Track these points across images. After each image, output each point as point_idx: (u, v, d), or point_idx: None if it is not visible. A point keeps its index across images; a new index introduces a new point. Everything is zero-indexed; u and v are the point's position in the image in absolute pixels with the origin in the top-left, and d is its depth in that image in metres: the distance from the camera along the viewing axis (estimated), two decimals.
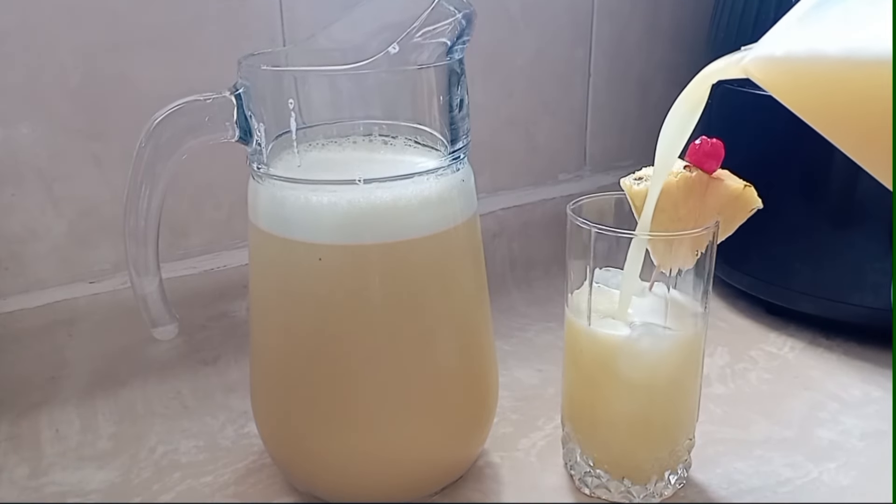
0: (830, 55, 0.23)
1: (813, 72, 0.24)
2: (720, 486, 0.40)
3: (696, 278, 0.37)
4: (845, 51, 0.22)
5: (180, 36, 0.51)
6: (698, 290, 0.37)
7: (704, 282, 0.37)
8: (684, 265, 0.36)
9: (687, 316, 0.37)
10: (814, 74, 0.24)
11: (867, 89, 0.22)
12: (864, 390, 0.49)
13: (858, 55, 0.22)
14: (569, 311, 0.38)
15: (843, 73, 0.23)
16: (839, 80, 0.23)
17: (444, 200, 0.35)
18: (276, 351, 0.37)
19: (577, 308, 0.38)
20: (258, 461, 0.43)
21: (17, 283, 0.50)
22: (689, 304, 0.37)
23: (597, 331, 0.37)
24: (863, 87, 0.22)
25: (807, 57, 0.24)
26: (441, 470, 0.39)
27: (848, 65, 0.22)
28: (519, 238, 0.66)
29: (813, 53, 0.24)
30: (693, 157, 0.35)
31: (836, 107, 0.24)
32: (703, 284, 0.37)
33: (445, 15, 0.33)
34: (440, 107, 0.35)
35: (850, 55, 0.22)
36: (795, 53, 0.24)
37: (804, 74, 0.24)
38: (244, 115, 0.35)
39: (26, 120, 0.48)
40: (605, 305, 0.37)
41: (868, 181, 0.26)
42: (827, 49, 0.23)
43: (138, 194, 0.36)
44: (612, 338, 0.36)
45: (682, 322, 0.37)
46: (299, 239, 0.34)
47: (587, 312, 0.37)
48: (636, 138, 0.74)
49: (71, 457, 0.44)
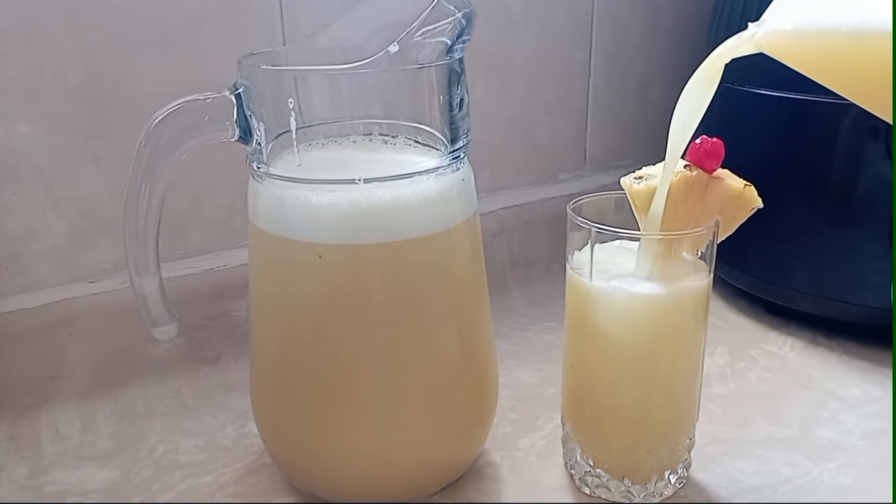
0: (839, 29, 0.25)
1: (823, 44, 0.26)
2: (720, 485, 0.40)
3: None
4: (852, 24, 0.25)
5: (180, 35, 0.51)
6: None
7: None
8: None
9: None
10: (824, 46, 0.26)
11: (875, 59, 0.25)
12: (865, 389, 0.49)
13: (864, 28, 0.25)
14: (570, 270, 0.38)
15: (853, 44, 0.25)
16: (849, 49, 0.25)
17: (445, 200, 0.35)
18: (276, 350, 0.37)
19: (580, 263, 0.37)
20: (258, 461, 0.43)
21: (17, 283, 0.50)
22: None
23: (599, 284, 0.36)
24: (871, 56, 0.25)
25: (816, 31, 0.26)
26: (441, 469, 0.39)
27: (855, 37, 0.25)
28: (519, 237, 0.66)
29: (822, 27, 0.26)
30: (693, 156, 0.35)
31: (847, 71, 0.26)
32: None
33: (445, 14, 0.33)
34: (440, 106, 0.35)
35: (856, 28, 0.25)
36: (805, 27, 0.27)
37: (815, 47, 0.27)
38: (244, 115, 0.35)
39: (26, 119, 0.48)
40: (610, 264, 0.37)
41: (868, 180, 0.27)
42: (835, 22, 0.25)
43: (138, 194, 0.36)
44: (616, 288, 0.36)
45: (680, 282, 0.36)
46: (299, 238, 0.34)
47: (589, 267, 0.36)
48: (636, 138, 0.74)
49: (71, 456, 0.44)
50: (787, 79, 0.51)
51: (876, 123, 0.48)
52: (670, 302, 0.36)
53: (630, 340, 0.36)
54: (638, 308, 0.36)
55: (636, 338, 0.36)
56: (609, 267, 0.36)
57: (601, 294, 0.36)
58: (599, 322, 0.36)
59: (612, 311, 0.36)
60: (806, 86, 0.50)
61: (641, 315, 0.36)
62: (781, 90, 0.52)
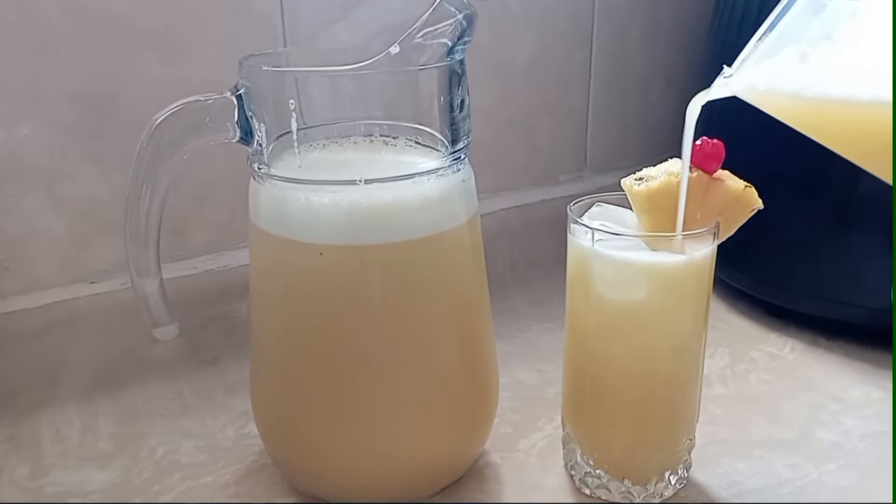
0: (803, 95, 0.28)
1: (792, 106, 0.28)
2: (720, 486, 0.40)
3: None
4: (815, 93, 0.27)
5: (181, 36, 0.51)
6: None
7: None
8: None
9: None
10: (793, 108, 0.28)
11: (842, 125, 0.27)
12: (865, 391, 0.49)
13: (827, 98, 0.27)
14: (572, 237, 0.37)
15: (821, 112, 0.28)
16: (813, 115, 0.28)
17: (445, 201, 0.35)
18: (276, 352, 0.37)
19: (581, 231, 0.37)
20: (258, 461, 0.43)
21: (18, 284, 0.50)
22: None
23: (602, 251, 0.36)
24: (838, 123, 0.27)
25: (783, 95, 0.29)
26: (441, 470, 0.39)
27: (819, 104, 0.27)
28: (520, 239, 0.66)
29: (787, 92, 0.29)
30: (694, 157, 0.35)
31: (821, 129, 0.28)
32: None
33: (446, 15, 0.33)
34: (441, 107, 0.35)
35: (822, 98, 0.27)
36: (774, 90, 0.29)
37: (784, 106, 0.29)
38: (245, 116, 0.35)
39: (27, 120, 0.48)
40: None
41: (869, 182, 0.27)
42: (799, 88, 0.28)
43: (139, 195, 0.36)
44: (622, 255, 0.35)
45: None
46: (300, 239, 0.34)
47: (591, 234, 0.36)
48: (637, 139, 0.74)
49: (71, 457, 0.44)
50: None
51: None
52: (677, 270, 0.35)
53: (628, 301, 0.36)
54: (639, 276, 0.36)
55: (636, 300, 0.36)
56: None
57: (598, 258, 0.36)
58: (595, 285, 0.36)
59: (608, 277, 0.36)
60: None
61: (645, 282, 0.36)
62: None
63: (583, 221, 0.36)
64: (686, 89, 0.35)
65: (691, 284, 0.36)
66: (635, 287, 0.35)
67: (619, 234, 0.36)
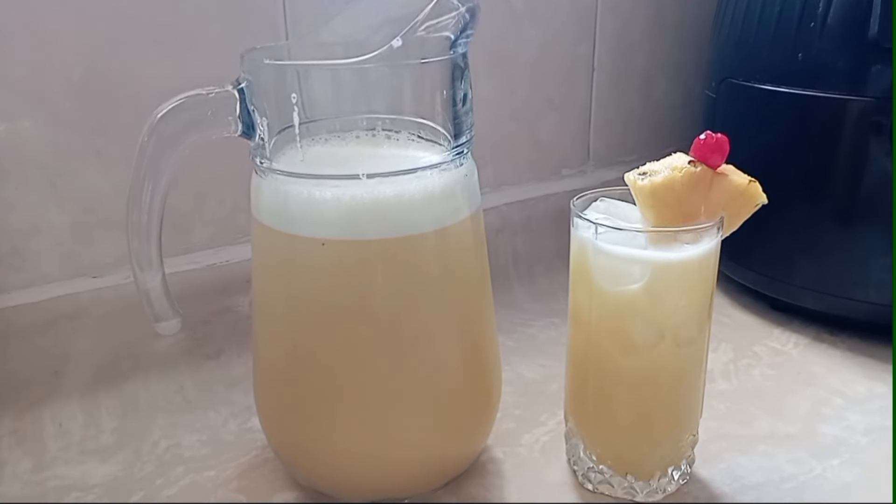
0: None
1: None
2: (723, 482, 0.40)
3: None
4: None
5: (183, 30, 0.51)
6: None
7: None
8: None
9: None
10: None
11: None
12: (868, 386, 0.49)
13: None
14: (575, 231, 0.37)
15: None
16: None
17: (448, 195, 0.35)
18: (278, 346, 0.37)
19: (585, 226, 0.36)
20: (261, 456, 0.43)
21: (21, 278, 0.50)
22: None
23: (605, 245, 0.35)
24: None
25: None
26: (444, 465, 0.39)
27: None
28: (522, 233, 0.66)
29: None
30: (698, 151, 0.35)
31: None
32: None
33: (449, 9, 0.33)
34: (444, 101, 0.35)
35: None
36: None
37: None
38: (247, 110, 0.35)
39: (29, 115, 0.48)
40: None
41: (873, 176, 0.26)
42: None
43: (141, 189, 0.36)
44: (625, 250, 0.35)
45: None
46: (302, 234, 0.34)
47: (594, 229, 0.36)
48: (640, 134, 0.73)
49: (74, 451, 0.44)
50: (791, 74, 0.51)
51: (880, 119, 0.48)
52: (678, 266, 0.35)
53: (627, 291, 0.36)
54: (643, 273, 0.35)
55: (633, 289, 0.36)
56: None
57: (601, 253, 0.36)
58: (598, 279, 0.36)
59: (611, 271, 0.36)
60: (810, 81, 0.50)
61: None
62: (786, 85, 0.52)
63: (586, 216, 0.36)
64: (689, 84, 0.34)
65: (695, 279, 0.36)
66: (638, 282, 0.35)
67: (622, 228, 0.35)
